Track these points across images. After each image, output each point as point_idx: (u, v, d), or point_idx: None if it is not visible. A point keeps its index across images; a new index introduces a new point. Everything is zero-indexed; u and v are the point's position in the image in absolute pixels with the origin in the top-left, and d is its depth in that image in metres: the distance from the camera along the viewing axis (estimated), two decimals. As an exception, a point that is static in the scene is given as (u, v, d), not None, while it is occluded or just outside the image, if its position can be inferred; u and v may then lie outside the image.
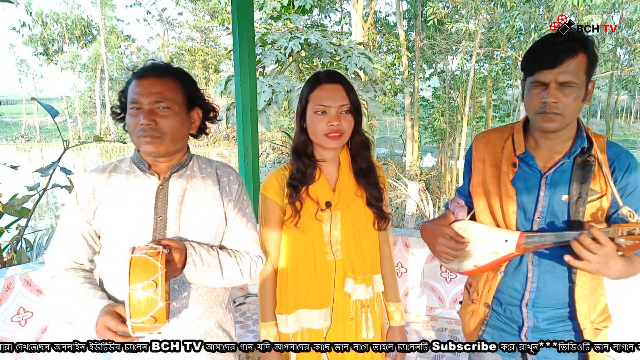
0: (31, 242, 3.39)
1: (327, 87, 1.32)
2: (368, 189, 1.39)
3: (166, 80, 1.18)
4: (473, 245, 1.26)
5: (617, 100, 23.83)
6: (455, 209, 1.36)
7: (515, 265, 1.24)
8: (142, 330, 1.02)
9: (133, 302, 0.99)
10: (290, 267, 1.39)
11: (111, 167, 1.25)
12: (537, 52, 1.14)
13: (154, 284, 0.99)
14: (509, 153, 1.25)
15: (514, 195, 1.21)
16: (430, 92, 17.22)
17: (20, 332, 1.93)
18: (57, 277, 1.21)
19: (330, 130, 1.30)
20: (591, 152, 1.15)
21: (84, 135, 24.30)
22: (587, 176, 1.14)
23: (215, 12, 24.22)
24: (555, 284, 1.20)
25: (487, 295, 1.31)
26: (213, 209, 1.26)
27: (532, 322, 1.24)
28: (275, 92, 6.19)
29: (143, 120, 1.14)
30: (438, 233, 1.28)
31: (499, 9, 11.57)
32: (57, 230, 1.26)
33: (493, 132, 1.33)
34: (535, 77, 1.12)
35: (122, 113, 1.24)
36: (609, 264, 1.04)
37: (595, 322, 1.21)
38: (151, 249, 1.04)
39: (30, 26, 25.99)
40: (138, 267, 1.00)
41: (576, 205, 1.14)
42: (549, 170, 1.18)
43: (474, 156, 1.32)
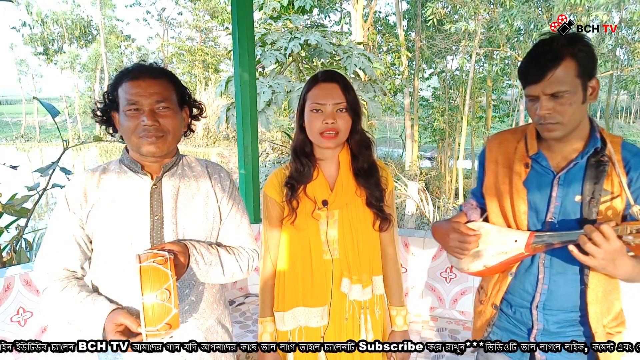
0: (31, 242, 3.38)
1: (324, 85, 1.32)
2: (368, 188, 1.39)
3: (161, 80, 1.19)
4: (484, 246, 1.25)
5: (616, 100, 23.81)
6: (469, 210, 1.36)
7: (526, 267, 1.23)
8: (156, 337, 1.02)
9: (147, 311, 0.99)
10: (288, 265, 1.39)
11: (100, 169, 1.25)
12: (524, 66, 1.13)
13: (167, 292, 1.00)
14: (521, 154, 1.23)
15: (525, 196, 1.20)
16: (430, 92, 17.21)
17: (20, 332, 1.92)
18: (50, 290, 1.18)
19: (326, 128, 1.30)
20: (604, 152, 1.13)
21: (84, 135, 24.28)
22: (600, 176, 1.12)
23: (215, 12, 24.22)
24: (566, 286, 1.18)
25: (495, 296, 1.30)
26: (208, 206, 1.27)
27: (542, 325, 1.22)
28: (275, 92, 6.19)
29: (147, 121, 1.14)
30: (449, 229, 1.27)
31: (499, 9, 11.57)
32: (46, 238, 1.22)
33: (506, 132, 1.32)
34: (527, 91, 1.13)
35: (104, 115, 1.23)
36: (616, 262, 1.02)
37: (608, 326, 1.19)
38: (158, 256, 1.04)
39: (30, 26, 25.98)
40: (149, 276, 1.00)
41: (589, 206, 1.12)
42: (562, 171, 1.16)
43: (487, 157, 1.31)
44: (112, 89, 1.20)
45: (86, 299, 1.13)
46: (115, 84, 1.19)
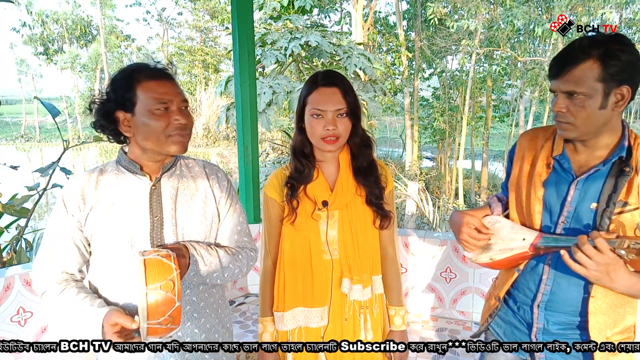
0: (31, 242, 3.38)
1: (324, 90, 1.31)
2: (368, 186, 1.39)
3: (175, 81, 1.22)
4: (495, 240, 1.27)
5: (616, 100, 23.72)
6: (492, 203, 1.38)
7: (532, 265, 1.23)
8: (157, 333, 1.01)
9: (150, 302, 0.99)
10: (288, 265, 1.40)
11: (97, 171, 1.24)
12: (552, 59, 1.13)
13: (171, 284, 1.00)
14: (546, 153, 1.23)
15: (541, 196, 1.20)
16: (430, 92, 17.21)
17: (20, 332, 1.93)
18: (49, 293, 1.17)
19: (327, 134, 1.30)
20: (629, 162, 1.09)
21: (84, 135, 24.27)
22: (619, 186, 1.09)
23: (215, 12, 24.21)
24: (569, 291, 1.17)
25: (500, 288, 1.32)
26: (206, 206, 1.28)
27: (542, 324, 1.22)
28: (275, 92, 6.19)
29: (182, 120, 1.17)
30: (463, 222, 1.28)
31: (499, 9, 11.56)
32: (44, 242, 1.21)
33: (539, 130, 1.32)
34: (550, 85, 1.13)
35: (108, 117, 1.17)
36: (610, 275, 1.00)
37: (612, 338, 1.15)
38: (161, 250, 1.05)
39: (30, 26, 25.98)
40: (153, 268, 1.00)
41: (602, 215, 1.09)
42: (582, 175, 1.14)
43: (517, 152, 1.31)
44: (126, 88, 1.14)
45: (84, 300, 1.13)
46: (129, 83, 1.14)
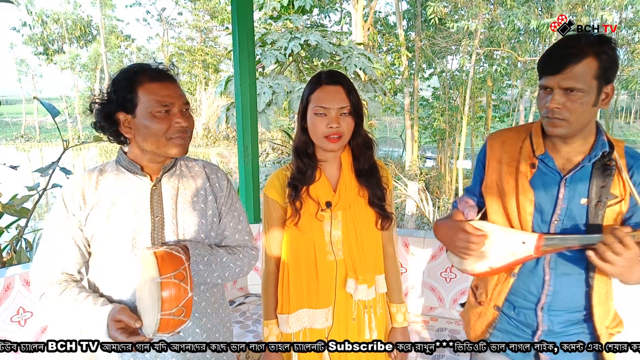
0: (31, 242, 3.38)
1: (328, 88, 1.32)
2: (370, 188, 1.39)
3: (177, 83, 1.22)
4: (487, 246, 1.22)
5: (616, 100, 23.83)
6: (465, 208, 1.33)
7: (530, 268, 1.22)
8: (169, 326, 1.00)
9: (164, 292, 0.99)
10: (292, 267, 1.39)
11: (97, 171, 1.23)
12: (546, 55, 1.13)
13: (183, 273, 1.02)
14: (527, 153, 1.22)
15: (532, 197, 1.19)
16: (430, 92, 17.20)
17: (20, 332, 1.93)
18: (48, 294, 1.15)
19: (330, 132, 1.30)
20: (611, 157, 1.13)
21: (84, 135, 24.26)
22: (607, 180, 1.12)
23: (215, 12, 24.20)
24: (572, 288, 1.18)
25: (497, 298, 1.28)
26: (207, 206, 1.28)
27: (546, 326, 1.22)
28: (275, 93, 6.18)
29: (184, 123, 1.17)
30: (457, 229, 1.23)
31: (500, 9, 11.56)
32: (43, 241, 1.20)
33: (509, 131, 1.31)
34: (542, 81, 1.12)
35: (108, 118, 1.17)
36: (632, 269, 1.02)
37: (610, 327, 1.19)
38: (168, 244, 1.08)
39: (30, 26, 25.97)
40: (164, 260, 1.02)
41: (595, 209, 1.12)
42: (569, 173, 1.16)
43: (489, 155, 1.29)
44: (128, 90, 1.13)
45: (87, 299, 1.12)
46: (131, 84, 1.14)
